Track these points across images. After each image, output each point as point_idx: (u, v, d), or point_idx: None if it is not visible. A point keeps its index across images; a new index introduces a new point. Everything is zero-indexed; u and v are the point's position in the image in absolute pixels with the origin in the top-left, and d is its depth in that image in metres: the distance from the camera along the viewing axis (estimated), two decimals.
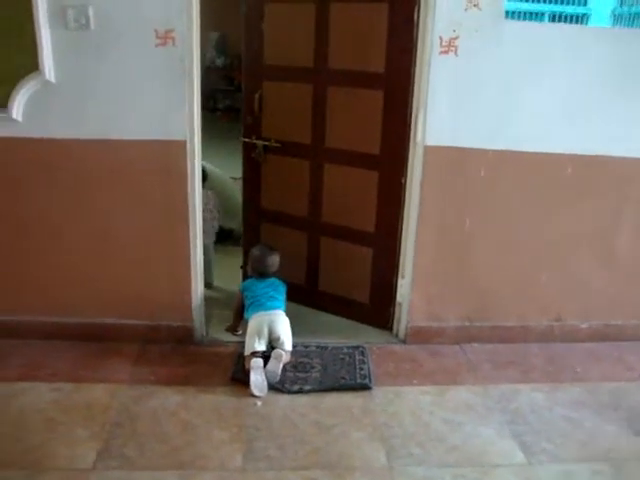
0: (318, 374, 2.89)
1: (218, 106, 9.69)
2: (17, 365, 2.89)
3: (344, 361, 3.01)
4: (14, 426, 2.49)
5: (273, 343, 2.92)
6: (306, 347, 3.11)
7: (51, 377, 2.80)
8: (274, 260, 3.13)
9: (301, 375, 2.88)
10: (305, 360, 3.01)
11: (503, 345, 3.25)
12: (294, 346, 2.99)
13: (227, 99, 9.70)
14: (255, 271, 3.15)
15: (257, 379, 2.76)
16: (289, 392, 2.76)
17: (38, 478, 2.22)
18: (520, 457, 2.44)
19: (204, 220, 3.26)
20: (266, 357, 2.87)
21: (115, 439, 2.44)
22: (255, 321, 2.93)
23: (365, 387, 2.82)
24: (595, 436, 2.58)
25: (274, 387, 2.78)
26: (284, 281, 3.15)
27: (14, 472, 2.25)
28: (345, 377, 2.87)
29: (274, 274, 3.14)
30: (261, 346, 2.87)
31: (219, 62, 9.63)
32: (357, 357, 3.04)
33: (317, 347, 3.13)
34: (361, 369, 2.94)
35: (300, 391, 2.77)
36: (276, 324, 2.92)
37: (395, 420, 2.63)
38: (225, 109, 9.68)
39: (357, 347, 3.14)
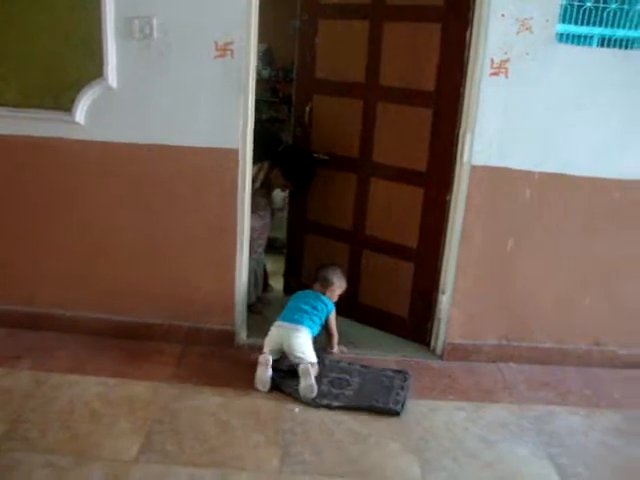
0: (352, 392, 2.85)
1: (262, 116, 9.83)
2: (66, 358, 3.00)
3: (383, 384, 2.94)
4: (63, 415, 2.59)
5: (292, 359, 2.89)
6: (349, 364, 3.09)
7: (97, 371, 2.90)
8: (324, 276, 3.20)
9: (334, 391, 2.85)
10: (344, 377, 2.97)
11: (540, 366, 3.24)
12: (337, 362, 3.03)
13: (271, 110, 9.85)
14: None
15: (261, 374, 2.81)
16: (316, 406, 2.75)
17: (84, 465, 2.31)
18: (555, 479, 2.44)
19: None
20: (292, 372, 2.85)
21: (156, 434, 2.51)
22: (273, 330, 2.98)
23: (393, 413, 2.73)
24: (632, 463, 2.56)
25: (304, 400, 2.77)
26: (332, 303, 3.15)
27: (62, 457, 2.34)
28: (378, 399, 2.80)
29: (323, 293, 3.16)
30: (272, 355, 2.88)
31: (265, 74, 9.76)
32: (397, 382, 2.96)
33: (361, 366, 3.07)
34: (397, 394, 2.85)
35: (327, 406, 2.75)
36: (289, 339, 2.90)
37: (430, 434, 2.65)
38: (269, 120, 9.83)
39: (400, 372, 3.04)
